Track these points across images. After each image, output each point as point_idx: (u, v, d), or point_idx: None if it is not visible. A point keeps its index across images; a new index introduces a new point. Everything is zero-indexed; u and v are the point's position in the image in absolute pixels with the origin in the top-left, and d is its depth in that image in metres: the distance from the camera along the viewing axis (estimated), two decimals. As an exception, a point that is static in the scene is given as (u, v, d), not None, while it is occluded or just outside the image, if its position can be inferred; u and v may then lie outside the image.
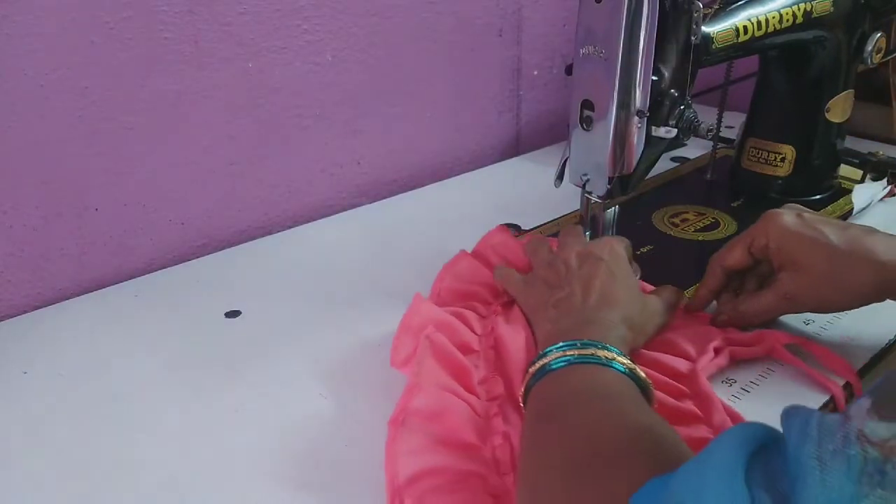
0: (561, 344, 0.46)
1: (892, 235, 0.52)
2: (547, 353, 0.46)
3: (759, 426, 0.29)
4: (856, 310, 0.55)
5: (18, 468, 0.48)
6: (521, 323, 0.56)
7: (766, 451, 0.27)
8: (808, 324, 0.59)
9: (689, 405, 0.49)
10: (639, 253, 0.70)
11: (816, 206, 0.78)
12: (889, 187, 0.79)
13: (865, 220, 0.75)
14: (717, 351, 0.54)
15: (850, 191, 0.77)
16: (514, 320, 0.57)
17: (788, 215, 0.54)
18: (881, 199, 0.78)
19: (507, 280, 0.60)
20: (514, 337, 0.54)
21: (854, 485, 0.23)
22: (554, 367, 0.44)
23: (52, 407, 0.53)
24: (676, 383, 0.51)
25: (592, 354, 0.44)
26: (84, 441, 0.50)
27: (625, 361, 0.44)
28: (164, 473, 0.47)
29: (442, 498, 0.42)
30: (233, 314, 0.64)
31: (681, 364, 0.53)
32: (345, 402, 0.53)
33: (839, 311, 0.55)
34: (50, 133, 0.63)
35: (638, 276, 0.64)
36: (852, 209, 0.75)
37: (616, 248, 0.56)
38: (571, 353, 0.44)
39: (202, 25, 0.69)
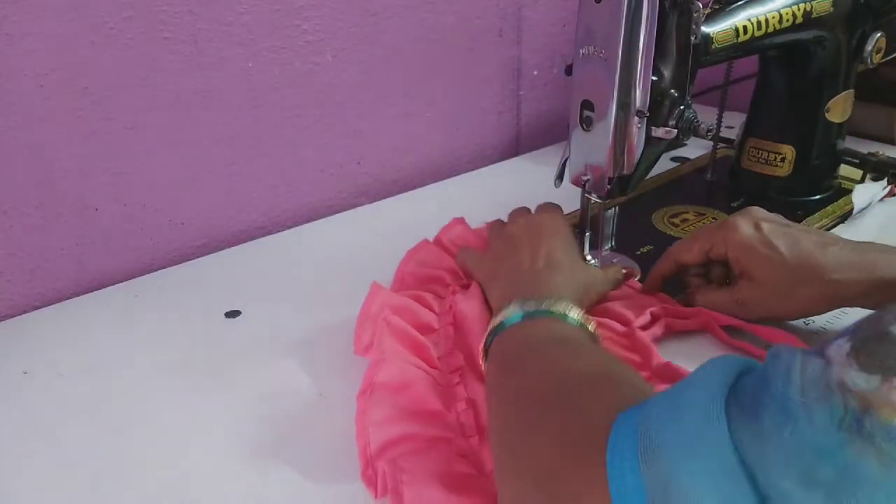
0: (515, 301, 0.48)
1: (845, 248, 0.53)
2: (502, 310, 0.48)
3: (734, 359, 0.30)
4: (855, 313, 0.56)
5: (19, 468, 0.48)
6: (478, 297, 0.59)
7: (741, 382, 0.28)
8: (808, 324, 0.59)
9: (629, 355, 0.53)
10: (639, 253, 0.70)
11: (816, 206, 0.78)
12: (889, 187, 0.79)
13: (865, 220, 0.76)
14: (654, 317, 0.58)
15: (850, 191, 0.77)
16: (471, 295, 0.59)
17: (746, 227, 0.56)
18: (881, 199, 0.78)
19: (465, 257, 0.64)
20: (472, 309, 0.57)
21: (838, 431, 0.23)
22: (510, 321, 0.46)
23: (52, 407, 0.53)
24: (618, 337, 0.55)
25: (546, 309, 0.46)
26: (84, 441, 0.50)
27: (577, 315, 0.47)
28: (163, 473, 0.47)
29: (413, 460, 0.44)
30: (233, 314, 0.64)
31: (618, 326, 0.57)
32: (344, 402, 0.53)
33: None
34: (50, 133, 0.63)
35: (637, 277, 0.64)
36: (852, 209, 0.75)
37: (557, 218, 0.60)
38: (526, 307, 0.47)
39: (202, 25, 0.69)
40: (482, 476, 0.45)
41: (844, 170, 0.81)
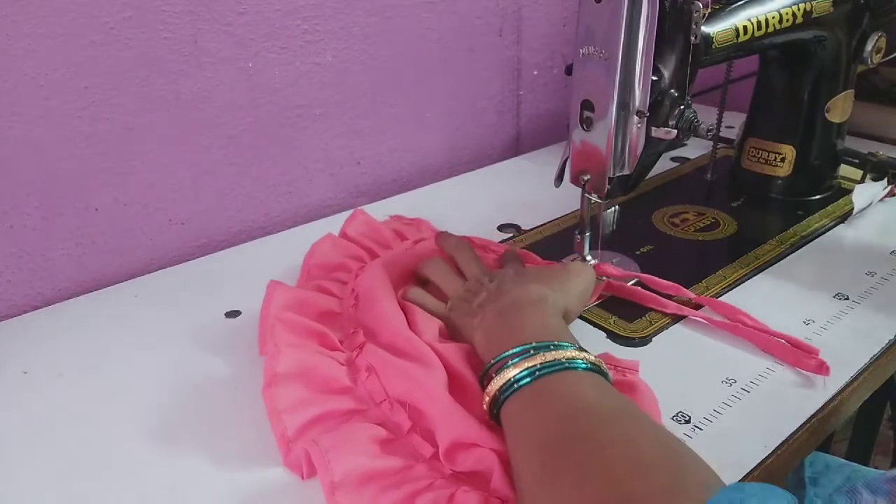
0: (516, 351, 0.46)
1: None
2: (505, 363, 0.46)
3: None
4: (855, 313, 0.56)
5: (19, 468, 0.48)
6: (377, 270, 0.61)
7: None
8: (808, 323, 0.59)
9: None
10: (639, 253, 0.70)
11: (816, 206, 0.78)
12: (889, 187, 0.79)
13: (865, 220, 0.76)
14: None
15: (850, 191, 0.77)
16: (370, 269, 0.62)
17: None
18: (881, 200, 0.78)
19: (431, 270, 0.63)
20: (371, 279, 0.60)
21: None
22: (521, 381, 0.44)
23: (52, 407, 0.53)
24: None
25: (544, 360, 0.45)
26: (84, 441, 0.50)
27: (579, 354, 0.45)
28: (163, 473, 0.47)
29: (333, 436, 0.46)
30: (233, 314, 0.64)
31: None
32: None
33: None
34: (50, 133, 0.63)
35: (633, 282, 0.64)
36: (852, 209, 0.75)
37: (519, 267, 0.61)
38: (531, 362, 0.45)
39: (202, 25, 0.69)
40: (401, 438, 0.47)
41: (844, 170, 0.81)
